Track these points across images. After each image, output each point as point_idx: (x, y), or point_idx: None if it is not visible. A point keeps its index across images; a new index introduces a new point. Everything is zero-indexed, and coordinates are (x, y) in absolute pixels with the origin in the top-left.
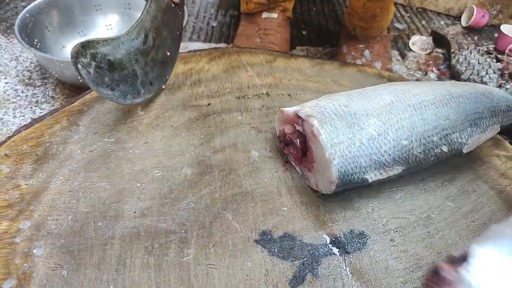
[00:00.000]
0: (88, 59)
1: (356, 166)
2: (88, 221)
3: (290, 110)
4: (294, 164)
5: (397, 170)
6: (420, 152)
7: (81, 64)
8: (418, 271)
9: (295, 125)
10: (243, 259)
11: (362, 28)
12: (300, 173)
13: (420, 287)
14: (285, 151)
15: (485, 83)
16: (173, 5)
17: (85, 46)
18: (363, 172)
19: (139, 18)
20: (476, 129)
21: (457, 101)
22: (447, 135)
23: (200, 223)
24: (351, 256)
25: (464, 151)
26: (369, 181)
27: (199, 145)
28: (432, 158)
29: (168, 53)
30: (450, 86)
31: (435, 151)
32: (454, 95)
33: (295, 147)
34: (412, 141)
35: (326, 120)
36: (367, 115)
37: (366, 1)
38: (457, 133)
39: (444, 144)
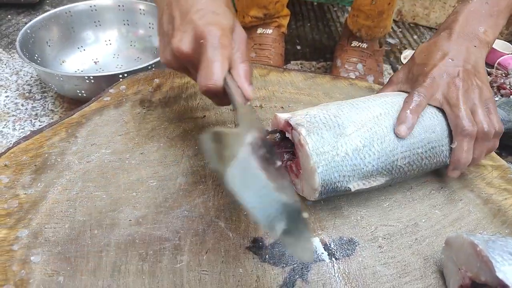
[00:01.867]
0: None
1: (339, 175)
2: (85, 229)
3: (282, 116)
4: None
5: (380, 180)
6: (404, 164)
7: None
8: (405, 277)
9: (285, 132)
10: (235, 265)
11: (368, 27)
12: (291, 179)
13: None
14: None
15: None
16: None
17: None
18: (347, 181)
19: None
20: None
21: (444, 114)
22: (432, 147)
23: (194, 230)
24: (340, 262)
25: (449, 163)
26: (352, 190)
27: (193, 156)
28: (416, 170)
29: None
30: None
31: (420, 162)
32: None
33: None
34: (397, 153)
35: (314, 129)
36: (354, 126)
37: None
38: (443, 146)
39: (430, 157)
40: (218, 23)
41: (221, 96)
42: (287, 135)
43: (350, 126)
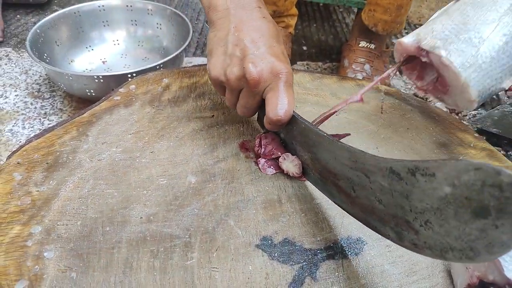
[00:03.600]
0: None
1: (491, 80)
2: (97, 226)
3: (408, 42)
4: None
5: None
6: None
7: None
8: (413, 276)
9: (421, 57)
10: (244, 263)
11: (385, 22)
12: (433, 98)
13: None
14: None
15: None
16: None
17: None
18: (499, 82)
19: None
20: None
21: None
22: None
23: (204, 228)
24: (349, 260)
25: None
26: (506, 88)
27: (203, 155)
28: None
29: None
30: None
31: None
32: None
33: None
34: None
35: (450, 46)
36: (489, 27)
37: None
38: None
39: None
40: (288, 63)
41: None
42: (423, 59)
43: (484, 28)
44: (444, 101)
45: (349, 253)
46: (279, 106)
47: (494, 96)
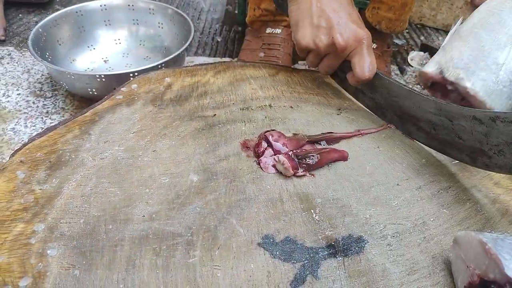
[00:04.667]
0: None
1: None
2: (99, 224)
3: (432, 72)
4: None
5: None
6: None
7: None
8: (414, 274)
9: (446, 86)
10: (246, 261)
11: (389, 20)
12: None
13: None
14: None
15: None
16: None
17: None
18: None
19: None
20: None
21: None
22: None
23: (206, 227)
24: (350, 259)
25: None
26: None
27: (204, 154)
28: None
29: None
30: None
31: None
32: None
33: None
34: None
35: (473, 77)
36: (503, 50)
37: None
38: None
39: None
40: (364, 27)
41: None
42: (449, 87)
43: (499, 53)
44: None
45: (350, 251)
46: (366, 67)
47: None
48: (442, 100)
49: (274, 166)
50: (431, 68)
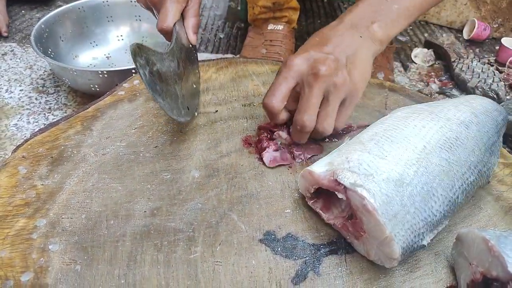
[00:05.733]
0: (144, 61)
1: (415, 235)
2: (101, 220)
3: (322, 174)
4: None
5: (444, 223)
6: (463, 198)
7: (139, 63)
8: (416, 271)
9: (336, 193)
10: (247, 257)
11: None
12: (344, 236)
13: (417, 286)
14: (315, 207)
15: (494, 90)
16: (190, 45)
17: (140, 47)
18: (421, 239)
19: (170, 45)
20: (494, 157)
21: (476, 128)
22: (479, 171)
23: (207, 222)
24: (352, 256)
25: (490, 180)
26: (425, 245)
27: (206, 150)
28: (468, 199)
29: (194, 86)
30: (456, 112)
31: (472, 190)
32: (470, 122)
33: (326, 204)
34: (456, 190)
35: (374, 186)
36: (409, 169)
37: None
38: (484, 166)
39: (477, 180)
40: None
41: (170, 34)
42: (339, 196)
43: (405, 170)
44: (354, 245)
45: (352, 248)
46: (159, 20)
47: (494, 95)
48: None
49: (276, 150)
50: (319, 167)
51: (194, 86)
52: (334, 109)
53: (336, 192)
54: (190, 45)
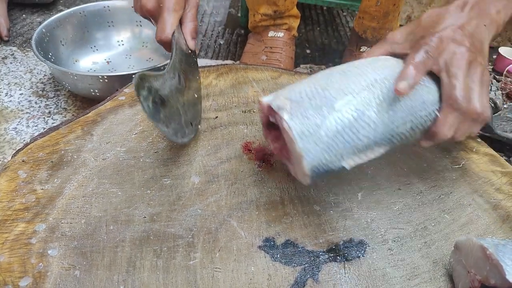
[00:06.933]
0: (146, 92)
1: (330, 156)
2: (101, 225)
3: (265, 100)
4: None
5: (379, 151)
6: (407, 130)
7: (142, 96)
8: (414, 279)
9: (269, 116)
10: (247, 263)
11: (373, 29)
12: (284, 162)
13: None
14: (269, 139)
15: (492, 99)
16: (190, 51)
17: (142, 78)
18: (339, 160)
19: (171, 60)
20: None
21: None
22: (431, 112)
23: (207, 229)
24: (351, 263)
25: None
26: (348, 168)
27: (206, 156)
28: (418, 133)
29: (196, 95)
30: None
31: (424, 126)
32: None
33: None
34: (397, 119)
35: (298, 110)
36: (345, 98)
37: None
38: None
39: (430, 114)
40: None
41: (169, 45)
42: (271, 119)
43: (340, 98)
44: (290, 170)
45: (351, 255)
46: (158, 31)
47: (492, 104)
48: None
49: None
50: (267, 97)
51: (196, 95)
52: (482, 96)
53: (270, 117)
54: (189, 51)
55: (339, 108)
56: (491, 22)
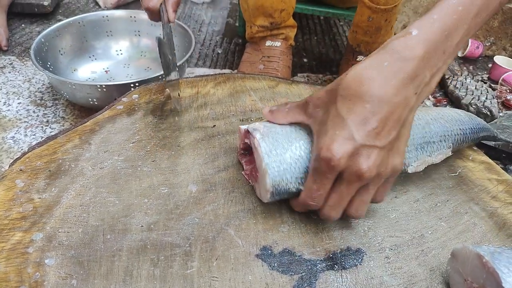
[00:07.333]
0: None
1: (291, 177)
2: (98, 234)
3: (243, 126)
4: (246, 177)
5: None
6: None
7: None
8: (412, 287)
9: (245, 139)
10: (244, 272)
11: (366, 43)
12: (252, 184)
13: None
14: (242, 162)
15: (487, 107)
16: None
17: (160, 42)
18: (299, 183)
19: (163, 25)
20: (423, 153)
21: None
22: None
23: (204, 237)
24: (348, 271)
25: (409, 171)
26: (300, 191)
27: (203, 164)
28: None
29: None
30: None
31: None
32: None
33: (249, 160)
34: None
35: (269, 133)
36: (304, 134)
37: (370, 13)
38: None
39: None
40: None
41: (156, 15)
42: (246, 140)
43: (302, 133)
44: (255, 189)
45: (349, 264)
46: (144, 0)
47: (488, 112)
48: None
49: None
50: (246, 125)
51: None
52: (371, 195)
53: (245, 139)
54: (169, 24)
55: (306, 137)
56: (444, 62)
